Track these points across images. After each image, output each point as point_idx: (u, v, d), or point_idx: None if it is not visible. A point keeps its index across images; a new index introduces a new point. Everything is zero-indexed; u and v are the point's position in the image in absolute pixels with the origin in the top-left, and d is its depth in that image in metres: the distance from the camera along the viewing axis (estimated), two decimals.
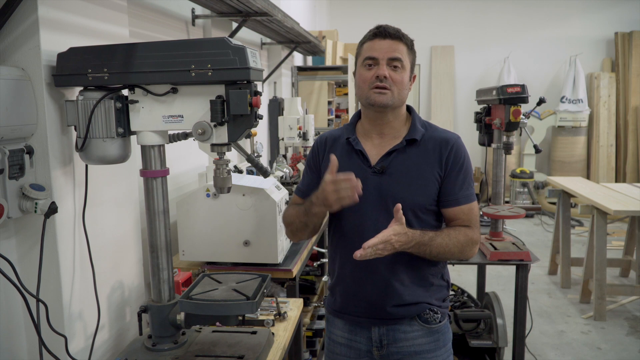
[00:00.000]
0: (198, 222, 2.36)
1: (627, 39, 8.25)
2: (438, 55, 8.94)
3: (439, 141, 1.65)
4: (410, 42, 1.65)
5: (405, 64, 1.61)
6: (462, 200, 1.64)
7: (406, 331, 1.66)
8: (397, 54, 1.59)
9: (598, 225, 4.16)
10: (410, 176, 1.62)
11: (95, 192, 1.76)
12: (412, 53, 1.65)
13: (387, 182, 1.62)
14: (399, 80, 1.60)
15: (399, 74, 1.60)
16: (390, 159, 1.64)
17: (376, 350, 1.69)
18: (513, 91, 2.81)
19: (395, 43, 1.60)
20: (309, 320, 3.26)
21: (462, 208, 1.64)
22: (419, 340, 1.67)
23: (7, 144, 1.45)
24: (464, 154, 1.67)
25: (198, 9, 3.18)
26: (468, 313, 3.17)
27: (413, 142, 1.65)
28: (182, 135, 1.67)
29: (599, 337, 3.91)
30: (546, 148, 8.50)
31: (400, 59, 1.59)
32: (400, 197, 1.58)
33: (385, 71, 1.58)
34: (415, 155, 1.64)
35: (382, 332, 1.67)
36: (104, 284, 1.82)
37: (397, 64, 1.59)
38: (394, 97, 1.60)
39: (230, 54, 1.44)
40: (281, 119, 4.13)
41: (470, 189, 1.67)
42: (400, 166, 1.63)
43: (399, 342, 1.67)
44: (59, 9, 1.57)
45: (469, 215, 1.65)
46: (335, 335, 1.78)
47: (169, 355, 1.65)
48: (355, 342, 1.72)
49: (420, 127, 1.68)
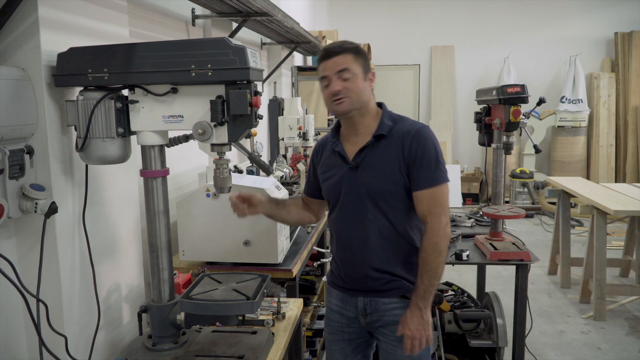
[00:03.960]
0: (198, 222, 2.36)
1: (627, 39, 8.25)
2: (438, 55, 8.94)
3: (402, 133, 1.80)
4: (354, 49, 1.79)
5: (354, 70, 1.76)
6: (424, 185, 1.77)
7: (386, 302, 1.87)
8: (343, 65, 1.75)
9: (598, 225, 4.16)
10: (379, 167, 1.81)
11: (95, 192, 1.76)
12: (359, 57, 1.79)
13: (361, 175, 1.82)
14: (353, 87, 1.76)
15: (350, 82, 1.76)
16: (363, 154, 1.83)
17: (362, 317, 1.92)
18: (513, 91, 2.81)
19: (339, 57, 1.76)
20: (309, 320, 3.26)
21: (423, 193, 1.78)
22: (397, 311, 1.86)
23: (7, 144, 1.45)
24: (425, 142, 1.78)
25: (198, 9, 3.18)
26: (468, 313, 3.17)
27: (381, 137, 1.82)
28: (183, 137, 1.67)
29: (598, 337, 3.91)
30: (546, 148, 8.50)
31: (347, 69, 1.75)
32: (372, 187, 1.80)
33: (337, 86, 1.76)
34: (383, 148, 1.81)
35: (366, 302, 1.89)
36: (104, 284, 1.82)
37: (345, 74, 1.75)
38: (353, 102, 1.78)
39: (230, 54, 1.44)
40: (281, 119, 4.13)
41: (433, 173, 1.77)
42: (371, 160, 1.82)
43: (380, 312, 1.88)
44: (59, 9, 1.57)
45: (429, 202, 1.77)
46: (331, 303, 2.02)
47: (169, 355, 1.65)
48: (346, 310, 1.95)
49: (389, 122, 1.84)
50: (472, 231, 3.34)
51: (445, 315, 3.16)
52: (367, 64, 1.81)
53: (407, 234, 1.84)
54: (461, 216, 3.66)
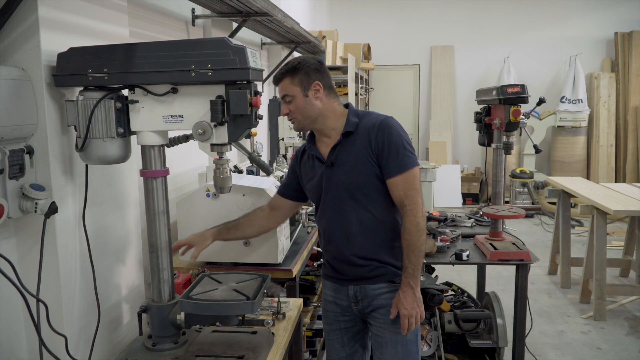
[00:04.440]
0: (198, 222, 2.36)
1: (627, 39, 8.25)
2: (438, 55, 8.94)
3: (368, 127, 1.91)
4: (291, 69, 1.90)
5: (294, 93, 1.89)
6: (395, 171, 1.87)
7: (374, 288, 1.98)
8: (282, 92, 1.91)
9: (598, 225, 4.16)
10: (351, 162, 1.91)
11: (95, 192, 1.76)
12: (296, 77, 1.89)
13: (335, 172, 1.93)
14: (294, 108, 1.91)
15: (293, 104, 1.90)
16: (336, 152, 1.94)
17: (354, 305, 2.02)
18: (513, 91, 2.81)
19: (280, 84, 1.91)
20: (309, 320, 3.25)
21: (395, 180, 1.87)
22: (385, 295, 1.97)
23: (7, 144, 1.45)
24: (390, 131, 1.88)
25: (198, 9, 3.18)
26: (468, 313, 3.16)
27: (349, 133, 1.92)
28: (183, 138, 1.67)
29: (598, 337, 3.91)
30: (546, 148, 8.50)
31: (287, 94, 1.90)
32: (348, 181, 1.91)
33: (284, 110, 1.93)
34: (352, 144, 1.92)
35: (356, 289, 2.00)
36: (104, 284, 1.82)
37: (287, 99, 1.91)
38: (300, 121, 1.93)
39: (230, 54, 1.44)
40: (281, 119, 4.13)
41: (402, 160, 1.87)
42: (344, 156, 1.92)
43: (369, 298, 1.98)
44: (59, 9, 1.57)
45: (404, 186, 1.87)
46: (326, 294, 2.12)
47: (169, 355, 1.65)
48: (339, 299, 2.06)
49: (355, 118, 1.95)
50: (472, 231, 3.34)
51: (445, 315, 3.15)
52: (306, 79, 1.90)
53: (388, 221, 1.94)
54: (461, 216, 3.66)
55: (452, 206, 8.13)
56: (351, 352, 2.11)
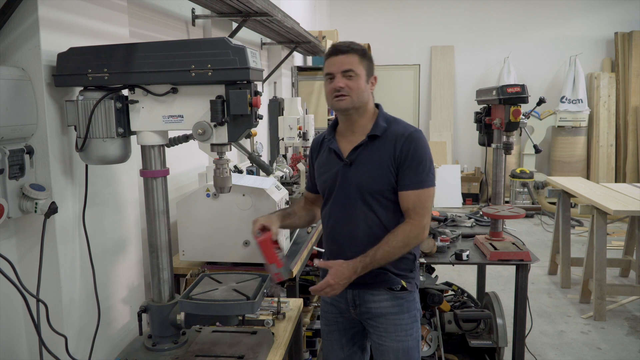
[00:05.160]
0: (198, 222, 2.36)
1: (627, 39, 8.25)
2: (438, 55, 8.94)
3: (395, 136, 1.88)
4: (362, 51, 1.88)
5: (359, 72, 1.85)
6: (410, 186, 1.85)
7: (373, 294, 1.95)
8: (348, 65, 1.84)
9: (598, 225, 4.16)
10: (370, 166, 1.88)
11: (95, 192, 1.76)
12: (365, 60, 1.88)
13: (353, 172, 1.90)
14: (355, 86, 1.85)
15: (353, 81, 1.84)
16: (357, 152, 1.90)
17: (352, 309, 2.00)
18: (513, 91, 2.81)
19: (347, 57, 1.84)
20: (309, 320, 3.25)
21: (408, 194, 1.85)
22: (384, 303, 1.94)
23: (7, 144, 1.45)
24: (417, 145, 1.86)
25: (198, 9, 3.18)
26: (468, 313, 3.16)
27: (375, 137, 1.89)
28: (183, 138, 1.67)
29: (598, 337, 3.91)
30: (546, 148, 8.50)
31: (352, 69, 1.84)
32: (363, 184, 1.88)
33: (340, 83, 1.84)
34: (376, 148, 1.89)
35: (355, 294, 1.97)
36: (104, 284, 1.82)
37: (350, 73, 1.84)
38: (353, 101, 1.86)
39: (230, 54, 1.44)
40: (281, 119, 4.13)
41: (420, 176, 1.85)
42: (364, 158, 1.89)
43: (368, 304, 1.96)
44: (59, 9, 1.57)
45: (414, 202, 1.85)
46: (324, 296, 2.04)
47: (169, 355, 1.65)
48: (338, 302, 2.04)
49: (384, 123, 1.91)
50: (472, 231, 3.34)
51: (445, 315, 3.16)
52: (371, 68, 1.90)
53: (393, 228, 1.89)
54: (461, 216, 3.66)
55: (452, 206, 8.13)
56: (350, 353, 2.09)
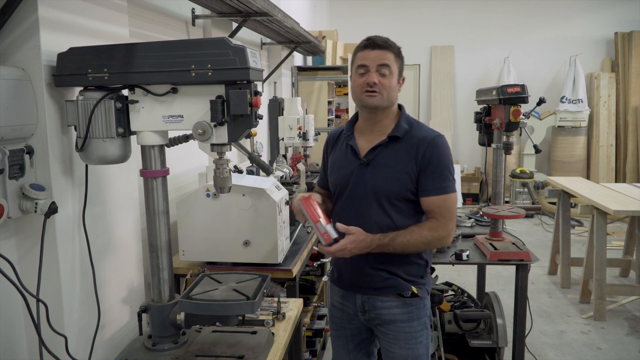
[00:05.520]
0: (198, 222, 2.36)
1: (627, 39, 8.25)
2: (438, 55, 8.94)
3: (417, 139, 1.82)
4: (397, 49, 1.84)
5: (393, 70, 1.81)
6: (434, 192, 1.80)
7: (383, 300, 1.89)
8: (385, 61, 1.79)
9: (598, 225, 4.16)
10: (389, 168, 1.83)
11: (95, 192, 1.76)
12: (399, 59, 1.84)
13: (370, 173, 1.84)
14: (388, 84, 1.80)
15: (387, 79, 1.80)
16: (376, 152, 1.85)
17: (361, 314, 1.95)
18: (513, 91, 2.81)
19: (383, 52, 1.80)
20: (309, 320, 3.26)
21: (433, 199, 1.81)
22: (393, 310, 1.89)
23: (7, 144, 1.45)
24: (439, 151, 1.81)
25: (198, 9, 3.18)
26: (468, 313, 3.17)
27: (396, 138, 1.84)
28: (183, 137, 1.67)
29: (598, 337, 3.91)
30: (546, 148, 8.50)
31: (388, 65, 1.79)
32: (379, 186, 1.82)
33: (375, 78, 1.79)
34: (396, 150, 1.83)
35: (364, 299, 1.92)
36: (104, 284, 1.82)
37: (385, 70, 1.79)
38: (383, 99, 1.81)
39: (230, 54, 1.44)
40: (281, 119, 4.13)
41: (444, 182, 1.81)
42: (383, 159, 1.84)
43: (377, 310, 1.91)
44: (59, 9, 1.57)
45: (440, 207, 1.80)
46: (334, 300, 2.06)
47: (169, 355, 1.65)
48: (346, 306, 1.99)
49: (406, 125, 1.86)
50: (472, 231, 3.34)
51: (445, 315, 3.16)
52: (402, 68, 1.86)
53: None
54: (461, 216, 3.66)
55: None
56: (356, 359, 2.07)
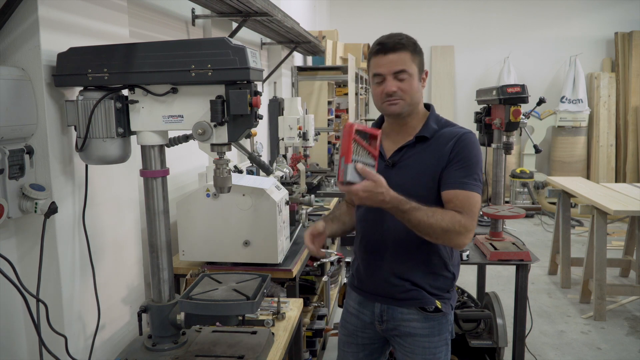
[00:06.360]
0: (198, 222, 2.36)
1: (627, 39, 8.25)
2: (438, 55, 8.94)
3: (447, 137, 1.72)
4: (413, 45, 1.71)
5: (411, 71, 1.69)
6: (458, 186, 1.65)
7: (403, 312, 1.79)
8: (400, 66, 1.67)
9: (598, 225, 4.16)
10: (416, 170, 1.72)
11: (95, 192, 1.76)
12: (417, 56, 1.71)
13: (396, 175, 1.72)
14: (408, 89, 1.69)
15: (406, 83, 1.68)
16: (402, 154, 1.75)
17: (378, 324, 1.85)
18: (513, 91, 2.81)
19: (397, 55, 1.67)
20: (309, 320, 3.26)
21: (456, 192, 1.65)
22: (414, 323, 1.78)
23: (7, 144, 1.45)
24: (469, 147, 1.69)
25: (198, 9, 3.17)
26: (468, 313, 3.16)
27: (424, 139, 1.74)
28: (183, 138, 1.67)
29: (599, 337, 3.91)
30: (546, 148, 8.50)
31: (405, 70, 1.67)
32: (405, 189, 1.64)
33: (392, 86, 1.68)
34: (424, 151, 1.73)
35: (383, 308, 1.81)
36: (104, 284, 1.82)
37: (402, 75, 1.68)
38: (406, 105, 1.71)
39: (230, 54, 1.44)
40: (281, 119, 4.13)
41: (470, 179, 1.66)
42: (409, 160, 1.74)
43: (396, 321, 1.80)
44: (59, 9, 1.57)
45: (462, 202, 1.63)
46: (349, 305, 1.95)
47: (169, 355, 1.65)
48: (362, 314, 1.88)
49: (435, 125, 1.76)
50: None
51: None
52: (422, 62, 1.74)
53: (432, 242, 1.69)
54: None
55: None
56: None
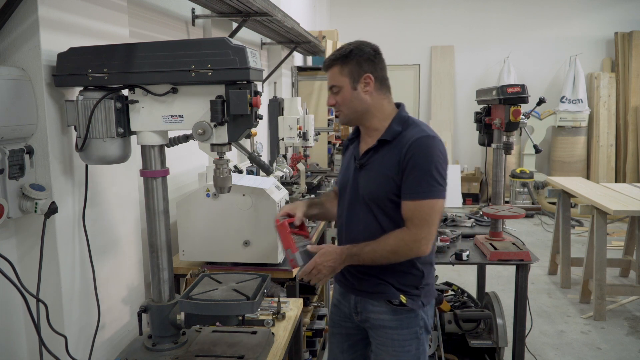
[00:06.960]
0: (198, 222, 2.36)
1: (627, 39, 8.25)
2: (438, 55, 8.94)
3: (405, 141, 1.75)
4: (341, 58, 1.79)
5: (341, 83, 1.79)
6: (408, 196, 1.73)
7: (374, 304, 1.87)
8: (331, 82, 1.82)
9: (598, 225, 4.16)
10: (378, 172, 1.79)
11: (95, 192, 1.76)
12: (346, 66, 1.78)
13: (362, 177, 1.84)
14: (341, 101, 1.81)
15: (339, 96, 1.80)
16: (368, 157, 1.84)
17: (354, 315, 1.95)
18: (513, 91, 2.81)
19: (329, 72, 1.82)
20: (309, 320, 3.25)
21: (407, 204, 1.73)
22: (383, 315, 1.86)
23: (7, 144, 1.45)
24: (420, 152, 1.71)
25: (198, 9, 3.18)
26: (468, 313, 3.17)
27: (385, 142, 1.79)
28: (183, 138, 1.67)
29: (598, 337, 3.91)
30: (546, 148, 8.50)
31: (334, 85, 1.81)
32: (367, 190, 1.81)
33: (330, 101, 1.84)
34: (384, 153, 1.80)
35: (357, 300, 1.91)
36: (104, 284, 1.82)
37: (334, 90, 1.81)
38: (347, 115, 1.83)
39: (230, 54, 1.44)
40: (281, 119, 4.13)
41: (422, 186, 1.70)
42: (374, 164, 1.82)
43: (368, 312, 1.89)
44: (59, 9, 1.57)
45: (412, 213, 1.72)
46: (334, 298, 2.07)
47: (169, 355, 1.65)
48: (343, 305, 1.99)
49: (398, 127, 1.80)
50: (472, 231, 3.34)
51: (445, 315, 3.15)
52: (357, 70, 1.77)
53: None
54: (461, 216, 3.66)
55: (452, 206, 8.12)
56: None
